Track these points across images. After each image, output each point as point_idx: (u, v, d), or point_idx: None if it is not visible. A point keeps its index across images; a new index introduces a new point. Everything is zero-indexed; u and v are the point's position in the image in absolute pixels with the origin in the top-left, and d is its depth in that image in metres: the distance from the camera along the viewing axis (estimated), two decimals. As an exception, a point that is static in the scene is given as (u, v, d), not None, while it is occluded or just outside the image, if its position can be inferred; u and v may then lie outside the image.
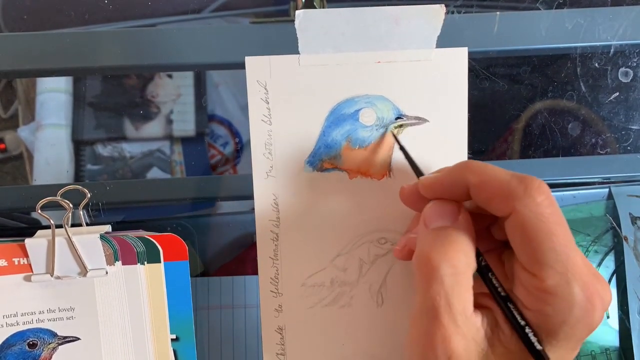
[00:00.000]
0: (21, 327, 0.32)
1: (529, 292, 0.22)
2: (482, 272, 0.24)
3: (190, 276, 0.33)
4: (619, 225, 0.40)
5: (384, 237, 0.31)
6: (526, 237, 0.22)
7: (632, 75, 0.42)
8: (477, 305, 0.23)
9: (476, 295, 0.23)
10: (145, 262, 0.33)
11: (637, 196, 0.41)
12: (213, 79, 0.62)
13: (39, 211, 0.31)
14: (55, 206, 0.32)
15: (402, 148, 0.30)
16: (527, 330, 0.22)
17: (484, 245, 0.25)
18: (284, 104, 0.30)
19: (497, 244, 0.26)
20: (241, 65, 0.30)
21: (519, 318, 0.22)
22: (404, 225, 0.31)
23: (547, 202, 0.22)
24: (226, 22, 0.58)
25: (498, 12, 0.37)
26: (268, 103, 0.30)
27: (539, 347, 0.21)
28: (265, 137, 0.30)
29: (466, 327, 0.22)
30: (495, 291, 0.23)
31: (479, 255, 0.24)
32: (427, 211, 0.25)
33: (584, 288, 0.21)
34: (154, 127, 0.59)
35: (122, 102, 0.59)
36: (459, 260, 0.22)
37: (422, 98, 0.30)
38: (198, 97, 0.60)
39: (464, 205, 0.25)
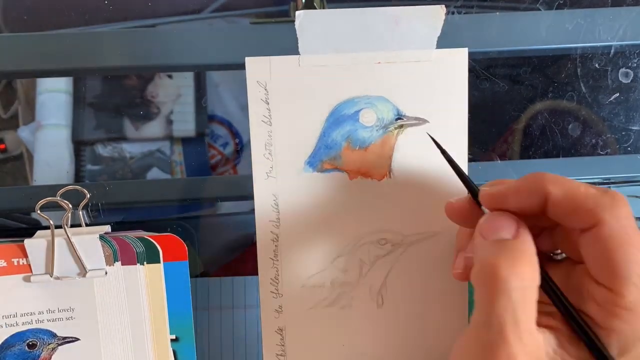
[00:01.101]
0: (21, 328, 0.32)
1: (603, 308, 0.21)
2: (548, 286, 0.23)
3: (190, 277, 0.33)
4: (619, 226, 0.40)
5: (384, 238, 0.31)
6: (609, 250, 0.21)
7: (632, 76, 0.42)
8: (539, 324, 0.22)
9: (538, 314, 0.22)
10: (145, 263, 0.33)
11: (637, 196, 0.41)
12: (213, 79, 0.62)
13: (39, 211, 0.31)
14: (54, 206, 0.32)
15: (450, 162, 0.28)
16: (599, 344, 0.21)
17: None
18: (284, 104, 0.30)
19: (540, 255, 0.26)
20: (241, 66, 0.30)
21: (590, 332, 0.22)
22: (405, 226, 0.31)
23: (630, 215, 0.21)
24: (226, 22, 0.58)
25: (498, 12, 0.37)
26: (268, 103, 0.30)
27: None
28: (265, 137, 0.30)
29: (531, 345, 0.21)
30: (563, 305, 0.23)
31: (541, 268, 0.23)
32: (486, 223, 0.24)
33: None
34: (154, 128, 0.59)
35: (122, 102, 0.59)
36: (527, 274, 0.21)
37: (422, 98, 0.30)
38: (198, 97, 0.60)
39: (521, 219, 0.23)
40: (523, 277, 0.21)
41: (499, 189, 0.24)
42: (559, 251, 0.26)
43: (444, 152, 0.28)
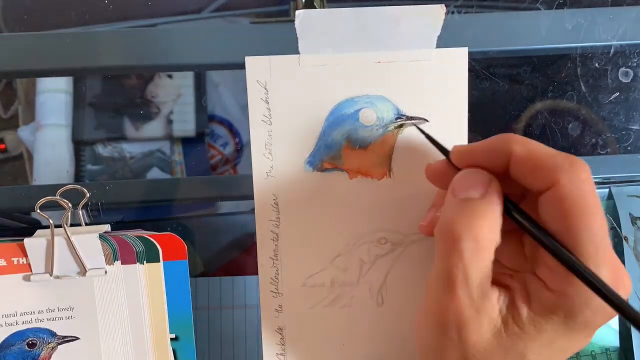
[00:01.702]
0: (20, 327, 0.32)
1: (553, 271, 0.22)
2: (515, 212, 0.23)
3: (190, 276, 0.33)
4: (619, 226, 0.40)
5: (384, 237, 0.31)
6: (564, 211, 0.21)
7: (632, 75, 0.42)
8: (496, 283, 0.23)
9: (496, 274, 0.23)
10: (145, 262, 0.33)
11: (637, 196, 0.41)
12: (213, 79, 0.62)
13: (38, 211, 0.31)
14: (54, 206, 0.32)
15: (422, 131, 0.29)
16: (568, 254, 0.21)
17: (504, 226, 0.25)
18: (284, 104, 0.30)
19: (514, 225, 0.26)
20: (241, 65, 0.30)
21: (555, 244, 0.21)
22: (405, 226, 0.31)
23: (590, 182, 0.21)
24: (226, 22, 0.58)
25: (498, 12, 0.37)
26: (268, 103, 0.30)
27: (585, 267, 0.21)
28: (265, 137, 0.30)
29: (481, 301, 0.22)
30: (530, 225, 0.23)
31: (511, 204, 0.23)
32: (457, 179, 0.24)
33: (612, 274, 0.21)
34: (154, 127, 0.59)
35: (122, 102, 0.59)
36: (483, 235, 0.22)
37: (422, 98, 0.30)
38: (198, 97, 0.60)
39: (493, 176, 0.24)
40: (478, 237, 0.22)
41: (467, 147, 0.25)
42: None
43: (410, 118, 0.29)
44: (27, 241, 0.31)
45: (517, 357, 0.22)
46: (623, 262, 0.40)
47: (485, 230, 0.22)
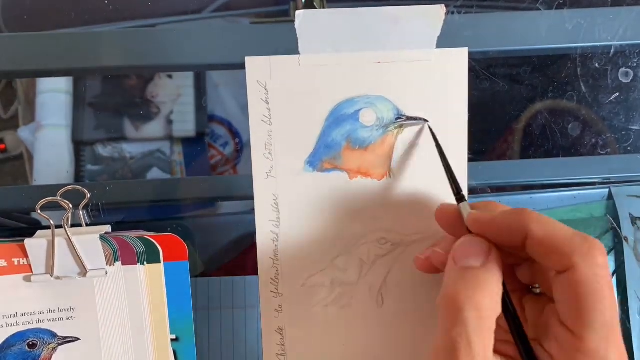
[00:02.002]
0: (21, 328, 0.32)
1: (563, 349, 0.22)
2: (511, 317, 0.24)
3: (191, 276, 0.33)
4: (619, 226, 0.40)
5: (384, 238, 0.31)
6: (579, 295, 0.22)
7: (632, 75, 0.42)
8: (497, 352, 0.23)
9: (497, 342, 0.23)
10: (145, 263, 0.33)
11: (637, 196, 0.41)
12: (213, 79, 0.62)
13: (39, 211, 0.31)
14: (55, 206, 0.32)
15: (444, 161, 0.29)
16: None
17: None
18: (284, 104, 0.30)
19: (519, 285, 0.26)
20: (241, 66, 0.30)
21: None
22: (404, 226, 0.31)
23: (605, 265, 0.22)
24: (226, 22, 0.58)
25: (498, 12, 0.37)
26: (268, 103, 0.30)
27: None
28: (265, 137, 0.30)
29: None
30: (520, 338, 0.23)
31: (505, 298, 0.24)
32: (458, 247, 0.25)
33: (619, 351, 0.21)
34: (154, 128, 0.59)
35: (122, 102, 0.59)
36: (485, 304, 0.22)
37: (422, 98, 0.30)
38: (198, 97, 0.60)
39: (493, 245, 0.24)
40: (480, 307, 0.22)
41: (486, 218, 0.25)
42: (537, 285, 0.27)
43: (442, 154, 0.29)
44: (27, 242, 0.31)
45: None
46: (623, 262, 0.40)
47: (486, 300, 0.22)
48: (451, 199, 0.28)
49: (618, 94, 0.42)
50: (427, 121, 0.30)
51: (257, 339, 0.39)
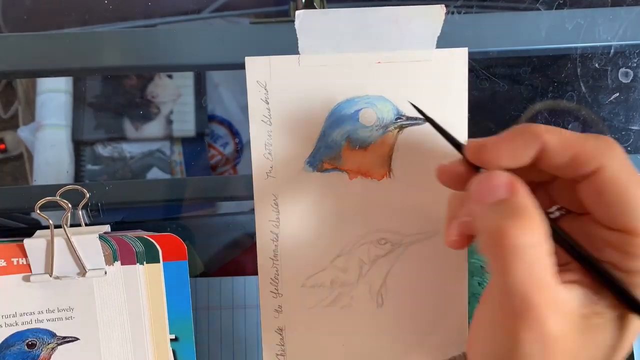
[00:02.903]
0: (20, 328, 0.32)
1: (620, 250, 0.21)
2: (560, 237, 0.22)
3: (190, 276, 0.33)
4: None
5: (384, 238, 0.31)
6: (616, 191, 0.21)
7: (632, 75, 0.42)
8: (566, 279, 0.21)
9: (563, 270, 0.21)
10: (144, 262, 0.33)
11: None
12: (213, 79, 0.62)
13: (38, 211, 0.31)
14: (54, 206, 0.32)
15: (431, 121, 0.27)
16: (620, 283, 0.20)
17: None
18: (284, 104, 0.30)
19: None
20: (241, 66, 0.30)
21: (611, 276, 0.21)
22: (404, 226, 0.31)
23: (627, 157, 0.21)
24: (226, 22, 0.58)
25: (498, 12, 0.37)
26: (268, 103, 0.30)
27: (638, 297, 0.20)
28: (265, 137, 0.30)
29: (558, 303, 0.20)
30: (580, 255, 0.22)
31: (548, 219, 0.21)
32: (479, 186, 0.22)
33: None
34: (154, 127, 0.59)
35: (122, 102, 0.59)
36: (535, 230, 0.20)
37: (422, 98, 0.30)
38: (198, 97, 0.60)
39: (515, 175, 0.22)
40: (532, 233, 0.20)
41: (488, 142, 0.23)
42: (554, 208, 0.25)
43: (426, 117, 0.27)
44: (26, 242, 0.31)
45: (606, 349, 0.21)
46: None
47: (535, 225, 0.20)
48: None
49: (618, 94, 0.42)
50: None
51: (257, 339, 0.39)
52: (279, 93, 0.30)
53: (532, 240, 0.20)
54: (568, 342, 0.20)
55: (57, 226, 0.31)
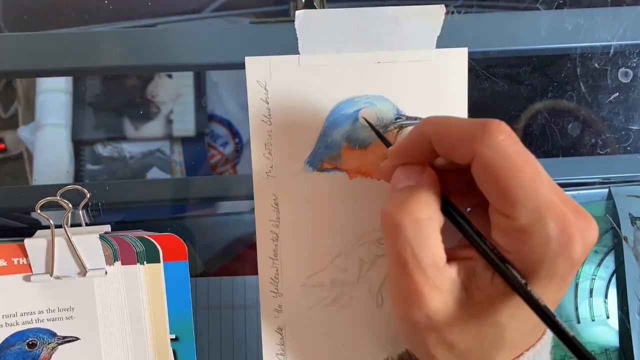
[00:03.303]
0: (21, 327, 0.32)
1: (504, 234, 0.22)
2: (450, 214, 0.23)
3: (190, 276, 0.33)
4: (618, 226, 0.40)
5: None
6: (492, 178, 0.21)
7: (632, 75, 0.42)
8: (454, 258, 0.23)
9: (452, 249, 0.23)
10: (145, 262, 0.33)
11: (636, 196, 0.41)
12: (213, 79, 0.62)
13: (39, 211, 0.31)
14: (55, 206, 0.32)
15: (370, 126, 0.30)
16: (506, 265, 0.21)
17: (470, 201, 0.25)
18: (284, 104, 0.30)
19: (483, 197, 0.26)
20: (241, 65, 0.30)
21: (493, 252, 0.22)
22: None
23: (510, 141, 0.21)
24: (226, 22, 0.58)
25: (498, 12, 0.37)
26: (268, 103, 0.30)
27: (519, 278, 0.21)
28: (265, 137, 0.30)
29: (439, 279, 0.22)
30: (465, 230, 0.23)
31: (446, 204, 0.24)
32: (394, 175, 0.25)
33: (559, 223, 0.20)
34: (154, 127, 0.59)
35: (122, 102, 0.59)
36: (420, 212, 0.22)
37: (422, 98, 0.30)
38: (198, 97, 0.60)
39: (428, 165, 0.25)
40: (415, 216, 0.22)
41: (397, 145, 0.25)
42: None
43: (369, 124, 0.30)
44: (27, 241, 0.31)
45: (492, 326, 0.22)
46: (622, 262, 0.40)
47: (422, 210, 0.22)
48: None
49: (618, 94, 0.42)
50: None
51: (257, 339, 0.39)
52: (279, 93, 0.30)
53: (415, 222, 0.22)
54: (451, 316, 0.22)
55: (58, 226, 0.31)
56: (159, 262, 0.33)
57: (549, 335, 0.24)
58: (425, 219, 0.22)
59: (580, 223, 0.21)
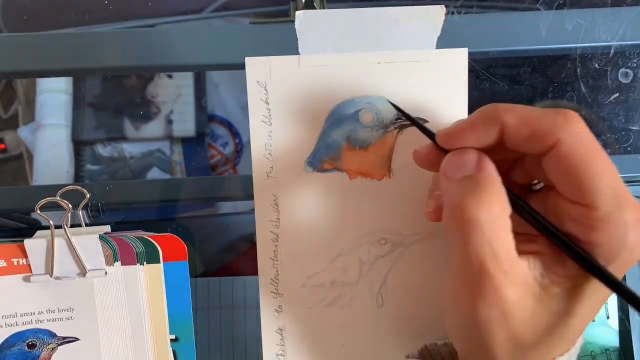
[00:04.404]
0: (20, 328, 0.32)
1: (580, 223, 0.21)
2: (524, 210, 0.23)
3: (191, 277, 0.33)
4: (619, 226, 0.40)
5: (384, 238, 0.31)
6: (574, 165, 0.21)
7: (632, 76, 0.42)
8: (521, 252, 0.22)
9: (521, 242, 0.22)
10: (145, 263, 0.33)
11: (637, 196, 0.41)
12: (213, 79, 0.62)
13: (38, 211, 0.31)
14: (54, 207, 0.32)
15: (405, 114, 0.29)
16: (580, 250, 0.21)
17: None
18: (284, 104, 0.30)
19: (519, 189, 0.25)
20: (241, 66, 0.30)
21: (572, 244, 0.21)
22: (404, 226, 0.31)
23: (587, 130, 0.21)
24: (226, 22, 0.58)
25: (498, 12, 0.37)
26: (268, 104, 0.30)
27: (598, 263, 0.21)
28: (265, 137, 0.30)
29: (514, 273, 0.21)
30: (542, 225, 0.22)
31: (511, 197, 0.23)
32: (448, 163, 0.24)
33: (636, 211, 0.21)
34: (154, 127, 0.59)
35: (122, 102, 0.59)
36: (494, 205, 0.21)
37: (422, 98, 0.30)
38: (198, 97, 0.60)
39: (483, 153, 0.23)
40: (490, 208, 0.21)
41: (453, 127, 0.24)
42: (536, 181, 0.26)
43: (397, 108, 0.29)
44: (27, 242, 0.31)
45: (567, 318, 0.22)
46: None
47: (495, 201, 0.22)
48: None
49: (618, 94, 0.42)
50: (426, 121, 0.30)
51: (257, 339, 0.39)
52: (279, 93, 0.30)
53: (490, 214, 0.21)
54: (526, 310, 0.21)
55: (58, 226, 0.31)
56: (158, 262, 0.33)
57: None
58: (500, 211, 0.21)
59: None
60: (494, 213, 0.21)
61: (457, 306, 0.23)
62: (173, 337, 0.33)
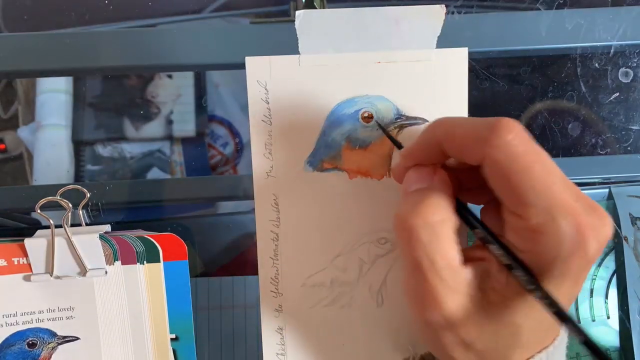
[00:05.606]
0: (21, 327, 0.32)
1: (517, 234, 0.22)
2: (462, 214, 0.23)
3: (191, 276, 0.33)
4: (619, 226, 0.40)
5: (384, 237, 0.31)
6: (502, 179, 0.21)
7: (632, 75, 0.42)
8: (469, 259, 0.23)
9: (467, 250, 0.23)
10: (145, 262, 0.33)
11: (637, 196, 0.41)
12: (213, 79, 0.62)
13: (39, 211, 0.31)
14: (55, 206, 0.32)
15: (381, 127, 0.30)
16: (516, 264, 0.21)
17: (484, 198, 0.25)
18: (284, 104, 0.30)
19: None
20: (241, 66, 0.30)
21: (505, 252, 0.22)
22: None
23: (518, 140, 0.21)
24: (226, 22, 0.58)
25: (498, 12, 0.37)
26: (268, 103, 0.30)
27: (531, 278, 0.21)
28: (265, 137, 0.30)
29: (454, 280, 0.22)
30: (477, 230, 0.23)
31: (460, 204, 0.24)
32: (406, 178, 0.25)
33: (572, 221, 0.20)
34: (154, 127, 0.59)
35: (122, 102, 0.59)
36: (433, 215, 0.22)
37: (422, 98, 0.30)
38: (198, 97, 0.60)
39: (439, 167, 0.25)
40: (429, 219, 0.22)
41: (408, 147, 0.25)
42: None
43: (380, 126, 0.30)
44: (27, 241, 0.31)
45: (508, 325, 0.22)
46: (623, 262, 0.40)
47: (436, 213, 0.22)
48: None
49: (618, 94, 0.43)
50: (426, 121, 0.30)
51: (257, 339, 0.39)
52: (279, 93, 0.30)
53: (429, 225, 0.22)
54: (470, 317, 0.22)
55: (58, 226, 0.31)
56: (159, 262, 0.33)
57: (564, 334, 0.24)
58: (438, 221, 0.22)
59: (594, 220, 0.21)
60: (432, 223, 0.22)
61: (411, 311, 0.24)
62: (173, 336, 0.33)
